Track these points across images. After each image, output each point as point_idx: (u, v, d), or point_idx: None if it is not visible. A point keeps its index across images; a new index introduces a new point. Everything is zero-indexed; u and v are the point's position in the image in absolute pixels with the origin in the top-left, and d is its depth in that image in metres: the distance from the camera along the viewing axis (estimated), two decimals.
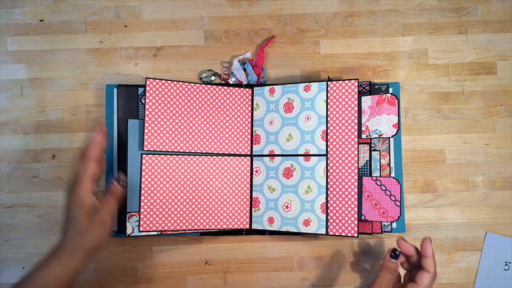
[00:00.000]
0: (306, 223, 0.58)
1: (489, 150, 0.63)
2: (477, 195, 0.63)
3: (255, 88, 0.62)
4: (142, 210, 0.57)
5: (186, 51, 0.65)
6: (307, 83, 0.59)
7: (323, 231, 0.57)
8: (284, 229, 0.59)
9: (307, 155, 0.58)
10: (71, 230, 0.48)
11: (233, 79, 0.64)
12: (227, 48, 0.65)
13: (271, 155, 0.60)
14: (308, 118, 0.59)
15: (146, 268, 0.62)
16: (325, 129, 0.58)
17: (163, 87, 0.59)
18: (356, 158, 0.57)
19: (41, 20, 0.65)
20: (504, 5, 0.65)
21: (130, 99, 0.61)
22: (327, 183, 0.57)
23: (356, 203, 0.56)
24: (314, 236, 0.62)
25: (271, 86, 0.61)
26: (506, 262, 0.62)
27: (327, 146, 0.57)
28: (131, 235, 0.59)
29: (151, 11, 0.65)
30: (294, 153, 0.59)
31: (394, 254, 0.50)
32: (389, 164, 0.61)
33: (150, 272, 0.62)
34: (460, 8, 0.65)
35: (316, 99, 0.58)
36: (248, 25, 0.65)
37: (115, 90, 0.62)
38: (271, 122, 0.61)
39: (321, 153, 0.58)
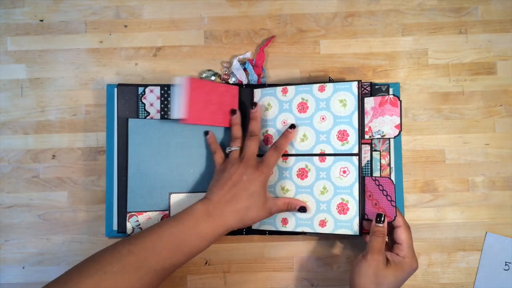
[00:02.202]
0: (322, 223, 0.58)
1: (489, 150, 0.63)
2: (477, 195, 0.63)
3: (265, 88, 0.62)
4: None
5: (186, 51, 0.65)
6: (322, 83, 0.59)
7: (341, 231, 0.57)
8: (299, 229, 0.58)
9: (322, 155, 0.58)
10: (243, 202, 0.54)
11: (233, 79, 0.64)
12: (227, 48, 0.65)
13: (284, 155, 0.60)
14: (323, 119, 0.58)
15: None
16: (342, 129, 0.57)
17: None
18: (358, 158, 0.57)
19: (41, 20, 0.65)
20: (504, 5, 0.65)
21: (130, 99, 0.61)
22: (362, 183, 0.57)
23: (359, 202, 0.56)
24: (314, 236, 0.62)
25: (284, 86, 0.60)
26: (506, 262, 0.62)
27: (359, 145, 0.57)
28: (132, 235, 0.59)
29: (151, 11, 0.65)
30: (309, 153, 0.59)
31: (380, 219, 0.54)
32: (389, 164, 0.61)
33: None
34: (460, 8, 0.65)
35: (332, 100, 0.58)
36: (248, 25, 0.65)
37: (115, 89, 0.62)
38: (284, 122, 0.60)
39: (337, 153, 0.57)
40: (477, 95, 0.64)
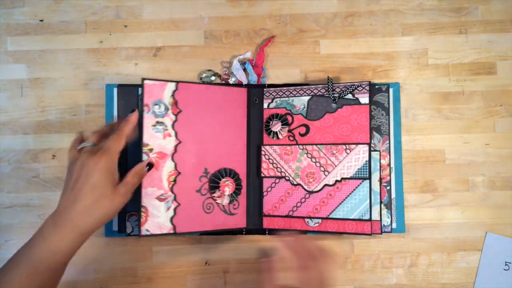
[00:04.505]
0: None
1: (489, 150, 0.63)
2: (477, 195, 0.63)
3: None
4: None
5: (186, 51, 0.65)
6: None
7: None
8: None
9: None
10: (88, 197, 0.48)
11: (233, 79, 0.64)
12: (227, 48, 0.65)
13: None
14: None
15: (146, 268, 0.62)
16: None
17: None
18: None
19: (41, 20, 0.65)
20: (504, 5, 0.65)
21: (130, 99, 0.61)
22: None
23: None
24: (314, 236, 0.62)
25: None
26: (506, 262, 0.62)
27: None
28: (131, 234, 0.59)
29: (151, 11, 0.65)
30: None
31: (265, 254, 0.50)
32: (389, 164, 0.61)
33: (150, 272, 0.62)
34: (460, 8, 0.65)
35: None
36: (248, 25, 0.65)
37: (115, 90, 0.62)
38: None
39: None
40: (477, 95, 0.64)
